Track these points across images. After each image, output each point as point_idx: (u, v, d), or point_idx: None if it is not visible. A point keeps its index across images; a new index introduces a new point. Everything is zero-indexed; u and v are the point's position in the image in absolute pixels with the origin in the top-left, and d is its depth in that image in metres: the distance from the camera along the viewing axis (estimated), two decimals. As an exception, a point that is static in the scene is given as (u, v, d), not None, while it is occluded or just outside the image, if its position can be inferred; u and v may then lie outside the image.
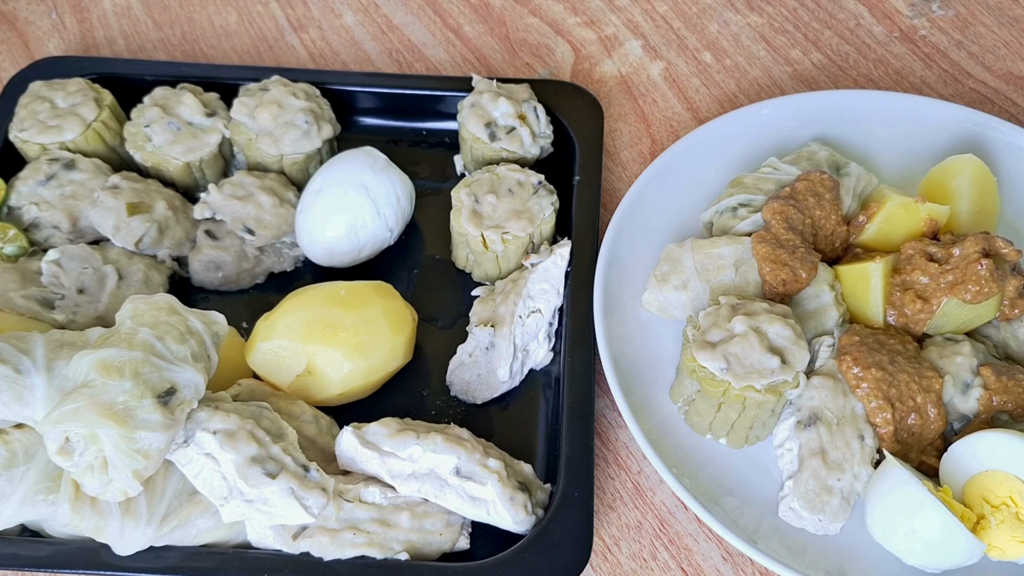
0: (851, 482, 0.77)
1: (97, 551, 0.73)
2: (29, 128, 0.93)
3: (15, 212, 0.90)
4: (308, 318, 0.80)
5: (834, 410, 0.79)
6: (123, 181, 0.91)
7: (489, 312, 0.88)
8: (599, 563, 0.81)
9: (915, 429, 0.79)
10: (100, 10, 1.18)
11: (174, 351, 0.72)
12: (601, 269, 0.87)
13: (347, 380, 0.81)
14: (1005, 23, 1.16)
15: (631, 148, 1.07)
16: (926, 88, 1.11)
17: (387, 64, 1.13)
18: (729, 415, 0.79)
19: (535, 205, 0.90)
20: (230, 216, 0.90)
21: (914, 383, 0.79)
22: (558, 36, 1.16)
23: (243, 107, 0.95)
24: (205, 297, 0.93)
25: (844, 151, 0.98)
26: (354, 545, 0.73)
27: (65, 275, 0.86)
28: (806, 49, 1.15)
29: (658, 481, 0.85)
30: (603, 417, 0.88)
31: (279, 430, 0.75)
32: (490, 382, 0.86)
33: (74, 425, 0.66)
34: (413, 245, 0.97)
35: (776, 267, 0.83)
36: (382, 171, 0.90)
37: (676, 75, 1.13)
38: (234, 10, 1.18)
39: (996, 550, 0.74)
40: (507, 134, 0.94)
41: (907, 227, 0.88)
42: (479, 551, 0.76)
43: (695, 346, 0.79)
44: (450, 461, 0.75)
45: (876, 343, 0.81)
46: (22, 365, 0.71)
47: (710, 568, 0.81)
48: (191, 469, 0.72)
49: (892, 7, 1.19)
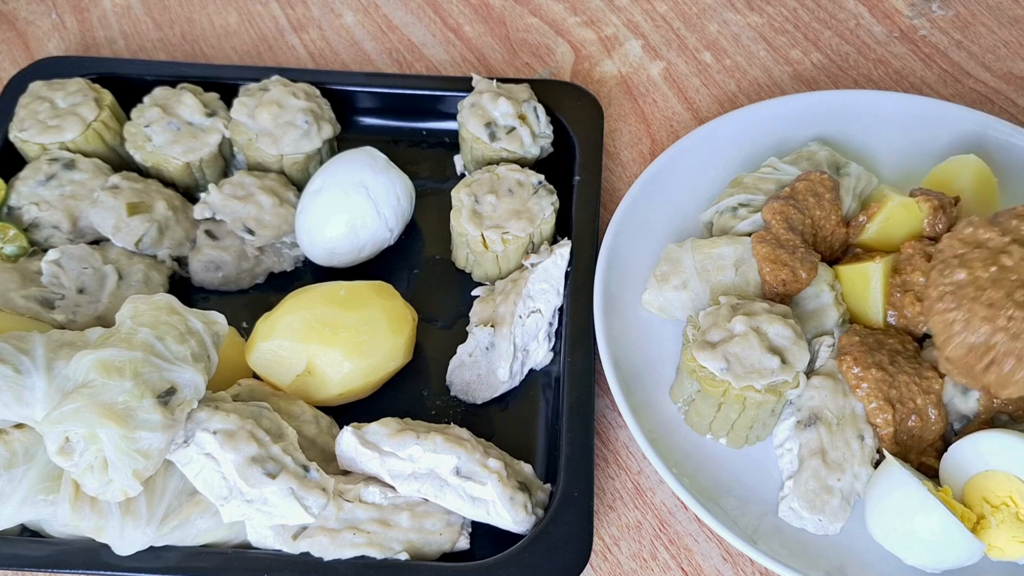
0: (851, 482, 0.77)
1: (97, 551, 0.73)
2: (29, 128, 0.93)
3: (15, 212, 0.90)
4: (308, 318, 0.80)
5: (834, 410, 0.79)
6: (123, 181, 0.91)
7: (489, 312, 0.88)
8: (599, 563, 0.81)
9: (915, 431, 0.79)
10: (100, 10, 1.18)
11: (174, 351, 0.72)
12: (601, 269, 0.87)
13: (347, 380, 0.81)
14: (1005, 23, 1.16)
15: (631, 148, 1.07)
16: (926, 88, 1.11)
17: (387, 64, 1.13)
18: (729, 415, 0.79)
19: (535, 205, 0.90)
20: (230, 216, 0.90)
21: (914, 384, 0.79)
22: (558, 36, 1.16)
23: (243, 107, 0.95)
24: (205, 297, 0.93)
25: (844, 151, 0.98)
26: (354, 545, 0.73)
27: (65, 275, 0.86)
28: (806, 49, 1.15)
29: (658, 481, 0.85)
30: (603, 417, 0.88)
31: (279, 430, 0.75)
32: (490, 382, 0.86)
33: (74, 425, 0.66)
34: (413, 245, 0.97)
35: (776, 267, 0.83)
36: (382, 171, 0.90)
37: (676, 75, 1.13)
38: (234, 10, 1.18)
39: (996, 550, 0.74)
40: (507, 134, 0.94)
41: (907, 227, 0.88)
42: (479, 551, 0.76)
43: (695, 346, 0.79)
44: (450, 461, 0.75)
45: (876, 343, 0.81)
46: (22, 365, 0.71)
47: (710, 568, 0.81)
48: (191, 469, 0.72)
49: (892, 7, 1.19)
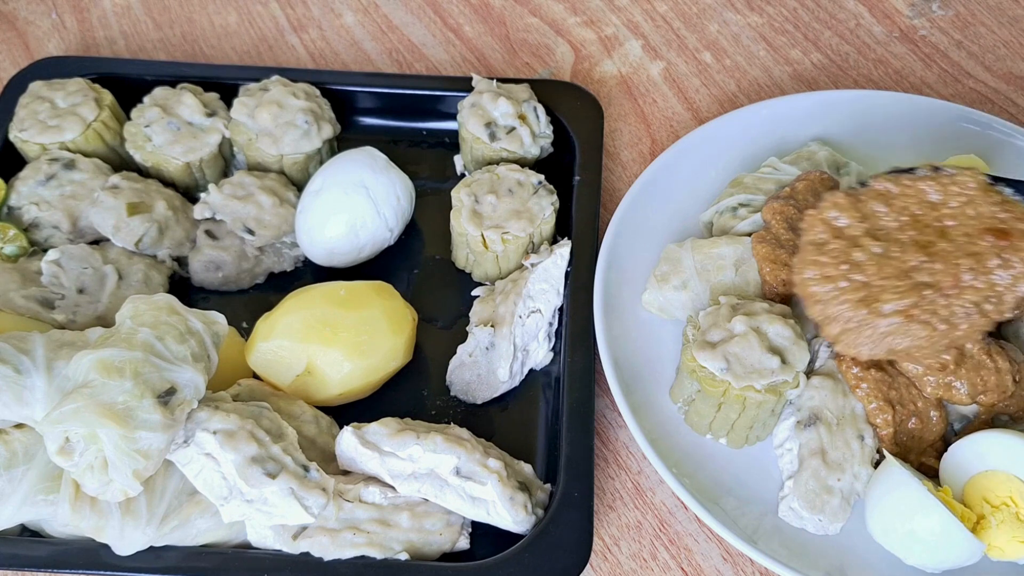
0: (851, 482, 0.77)
1: (97, 551, 0.73)
2: (29, 128, 0.93)
3: (15, 212, 0.90)
4: (308, 318, 0.80)
5: (834, 410, 0.79)
6: (123, 181, 0.91)
7: (489, 312, 0.88)
8: (599, 563, 0.81)
9: (916, 432, 0.79)
10: (100, 10, 1.18)
11: (174, 351, 0.72)
12: (601, 269, 0.87)
13: (347, 380, 0.81)
14: (1005, 23, 1.16)
15: (631, 148, 1.07)
16: (926, 88, 1.11)
17: (387, 64, 1.13)
18: (729, 415, 0.79)
19: (535, 205, 0.90)
20: (230, 216, 0.90)
21: (914, 387, 0.79)
22: (558, 36, 1.16)
23: (243, 107, 0.95)
24: (205, 297, 0.93)
25: (844, 151, 0.98)
26: (354, 545, 0.73)
27: (65, 275, 0.86)
28: (806, 49, 1.15)
29: (658, 481, 0.85)
30: (603, 417, 0.88)
31: (279, 430, 0.75)
32: (490, 382, 0.86)
33: (74, 425, 0.66)
34: (413, 245, 0.97)
35: (776, 267, 0.83)
36: (382, 171, 0.90)
37: (676, 75, 1.13)
38: (234, 10, 1.18)
39: (996, 550, 0.74)
40: (507, 134, 0.94)
41: (907, 227, 0.88)
42: (479, 551, 0.76)
43: (695, 346, 0.79)
44: (450, 461, 0.75)
45: (876, 343, 0.81)
46: (22, 365, 0.71)
47: (710, 568, 0.81)
48: (191, 469, 0.72)
49: (892, 7, 1.19)
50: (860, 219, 0.74)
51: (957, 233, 0.72)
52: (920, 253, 0.71)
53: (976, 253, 0.71)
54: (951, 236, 0.72)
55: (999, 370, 0.77)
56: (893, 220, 0.73)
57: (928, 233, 0.72)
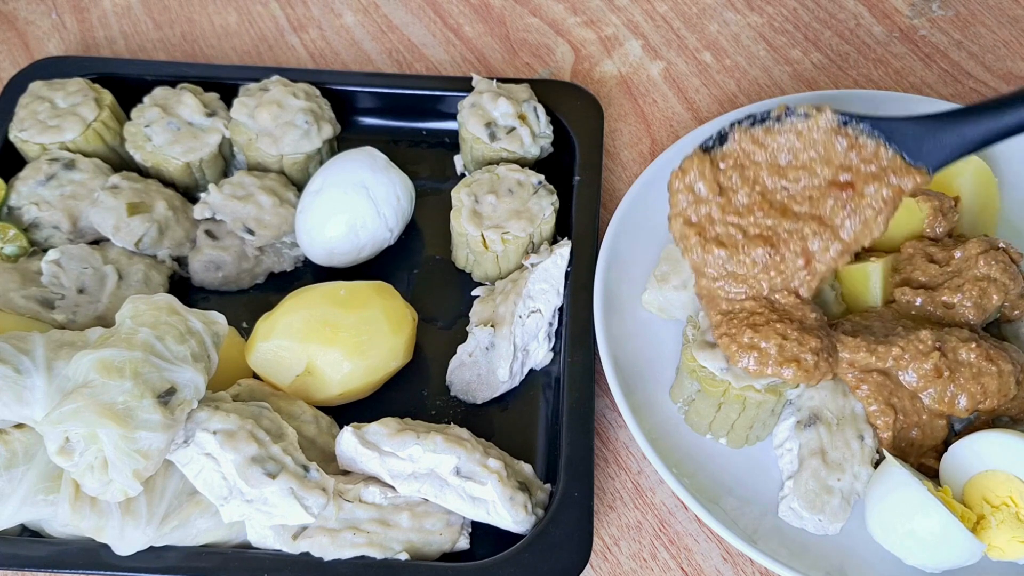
0: (851, 482, 0.77)
1: (97, 551, 0.73)
2: (29, 128, 0.93)
3: (15, 212, 0.90)
4: (308, 318, 0.80)
5: (834, 410, 0.79)
6: (123, 181, 0.91)
7: (489, 312, 0.88)
8: (599, 563, 0.81)
9: (916, 440, 0.79)
10: (100, 10, 1.18)
11: (174, 351, 0.72)
12: (601, 269, 0.87)
13: (347, 380, 0.81)
14: (1005, 23, 1.16)
15: (631, 148, 1.07)
16: (926, 88, 1.11)
17: (387, 64, 1.13)
18: (729, 415, 0.79)
19: (535, 205, 0.90)
20: (230, 216, 0.90)
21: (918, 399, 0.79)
22: (558, 36, 1.16)
23: (243, 107, 0.95)
24: (205, 297, 0.93)
25: (844, 151, 0.98)
26: (354, 545, 0.73)
27: (65, 275, 0.86)
28: (806, 49, 1.15)
29: (658, 481, 0.85)
30: (603, 417, 0.88)
31: (279, 430, 0.75)
32: (490, 382, 0.86)
33: (74, 425, 0.66)
34: (413, 245, 0.97)
35: None
36: (382, 171, 0.90)
37: (676, 75, 1.13)
38: (234, 10, 1.18)
39: (996, 550, 0.74)
40: (507, 134, 0.94)
41: (907, 227, 0.88)
42: (479, 551, 0.76)
43: (695, 346, 0.79)
44: (450, 461, 0.75)
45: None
46: (22, 365, 0.71)
47: (710, 568, 0.81)
48: (191, 469, 0.72)
49: (892, 7, 1.19)
50: (718, 192, 0.77)
51: (801, 199, 0.75)
52: (766, 245, 0.75)
53: (819, 217, 0.74)
54: (794, 214, 0.75)
55: (1002, 372, 0.77)
56: (745, 196, 0.76)
57: (773, 214, 0.75)
